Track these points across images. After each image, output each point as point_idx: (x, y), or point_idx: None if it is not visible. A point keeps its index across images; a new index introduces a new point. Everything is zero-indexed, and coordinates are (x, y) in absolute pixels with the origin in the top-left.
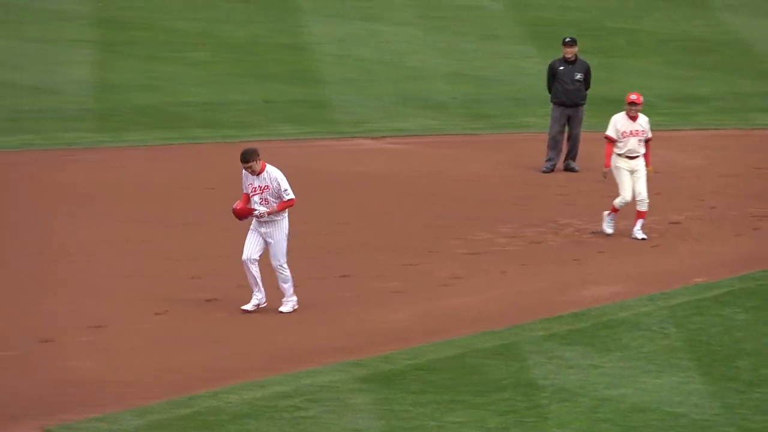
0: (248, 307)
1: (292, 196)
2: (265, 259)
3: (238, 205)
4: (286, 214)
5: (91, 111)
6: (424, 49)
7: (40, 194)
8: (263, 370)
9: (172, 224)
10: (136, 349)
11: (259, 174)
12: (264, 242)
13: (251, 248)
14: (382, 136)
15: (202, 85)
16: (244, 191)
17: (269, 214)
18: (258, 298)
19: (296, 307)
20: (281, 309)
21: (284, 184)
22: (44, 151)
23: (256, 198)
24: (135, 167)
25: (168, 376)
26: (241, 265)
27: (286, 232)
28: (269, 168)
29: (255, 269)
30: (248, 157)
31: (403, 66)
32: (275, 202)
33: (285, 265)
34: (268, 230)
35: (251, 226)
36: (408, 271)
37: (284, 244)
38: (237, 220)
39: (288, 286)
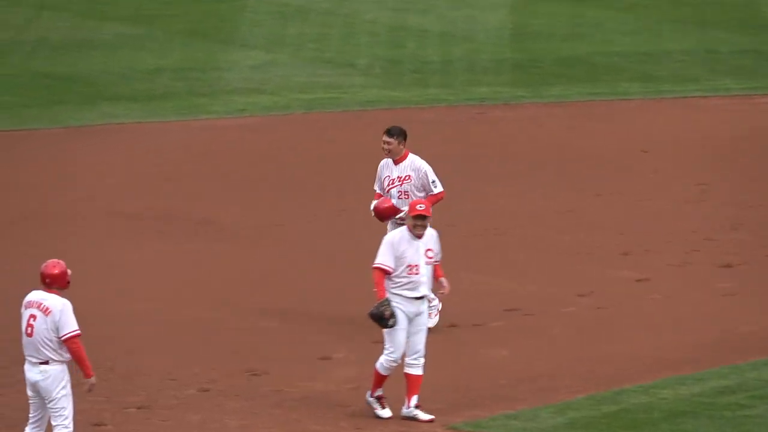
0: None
1: (441, 188)
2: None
3: (384, 203)
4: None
5: (507, 62)
6: None
7: (450, 156)
8: (701, 361)
9: (596, 192)
10: (556, 337)
11: (398, 163)
12: None
13: None
14: None
15: (635, 32)
16: (377, 190)
17: None
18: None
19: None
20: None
21: (432, 174)
22: (453, 108)
23: (394, 191)
24: (556, 126)
25: (592, 368)
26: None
27: None
28: (412, 157)
29: None
30: (392, 132)
31: None
32: (417, 197)
33: None
34: None
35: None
36: None
37: None
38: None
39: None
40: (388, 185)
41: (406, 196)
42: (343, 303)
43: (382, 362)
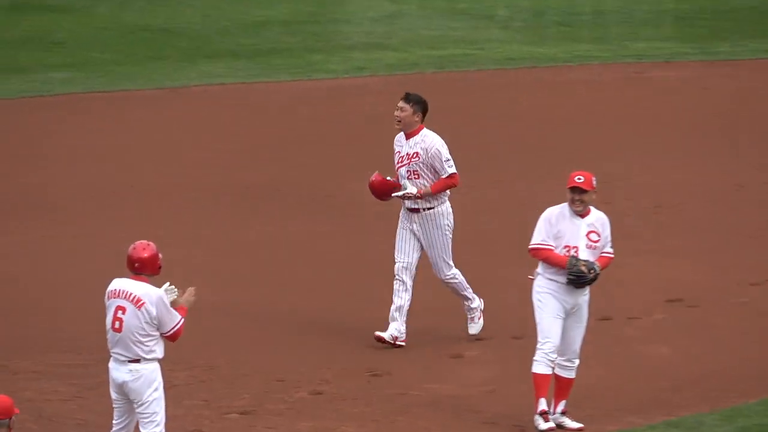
0: (385, 335)
1: (453, 170)
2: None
3: (375, 176)
4: (445, 201)
5: (669, 13)
6: None
7: (602, 122)
8: None
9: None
10: (725, 332)
11: (409, 137)
12: (419, 243)
13: (405, 254)
14: None
15: None
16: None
17: (420, 196)
18: (396, 328)
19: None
20: (471, 331)
21: (445, 152)
22: (606, 66)
23: (403, 170)
24: (725, 88)
25: (766, 369)
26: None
27: (448, 226)
28: (426, 132)
29: (408, 281)
30: (410, 98)
31: None
32: (428, 179)
33: (453, 272)
34: (420, 225)
35: (400, 221)
36: None
37: (445, 244)
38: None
39: (466, 296)
40: (398, 163)
41: (416, 176)
42: (479, 292)
43: (536, 358)
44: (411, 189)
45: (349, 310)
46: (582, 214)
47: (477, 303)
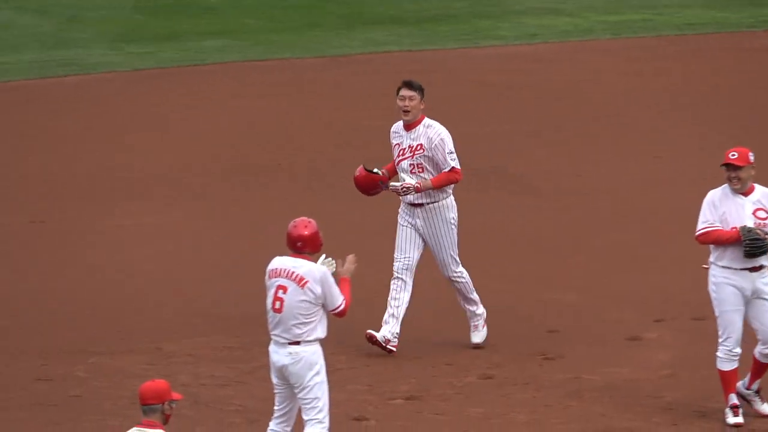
0: (378, 335)
1: (455, 163)
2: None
3: (359, 170)
4: (449, 195)
5: None
6: None
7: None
8: None
9: None
10: None
11: (411, 128)
12: (422, 240)
13: (406, 252)
14: None
15: None
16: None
17: (418, 190)
18: (390, 330)
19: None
20: (474, 340)
21: (449, 144)
22: None
23: (405, 164)
24: None
25: None
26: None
27: (454, 219)
28: (428, 121)
29: (409, 283)
30: (414, 85)
31: None
32: (432, 173)
33: (461, 270)
34: (424, 220)
35: (399, 217)
36: None
37: (453, 239)
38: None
39: (472, 300)
40: (398, 156)
41: (420, 170)
42: (654, 270)
43: (719, 355)
44: (410, 180)
45: (521, 293)
46: (745, 192)
47: (482, 309)
